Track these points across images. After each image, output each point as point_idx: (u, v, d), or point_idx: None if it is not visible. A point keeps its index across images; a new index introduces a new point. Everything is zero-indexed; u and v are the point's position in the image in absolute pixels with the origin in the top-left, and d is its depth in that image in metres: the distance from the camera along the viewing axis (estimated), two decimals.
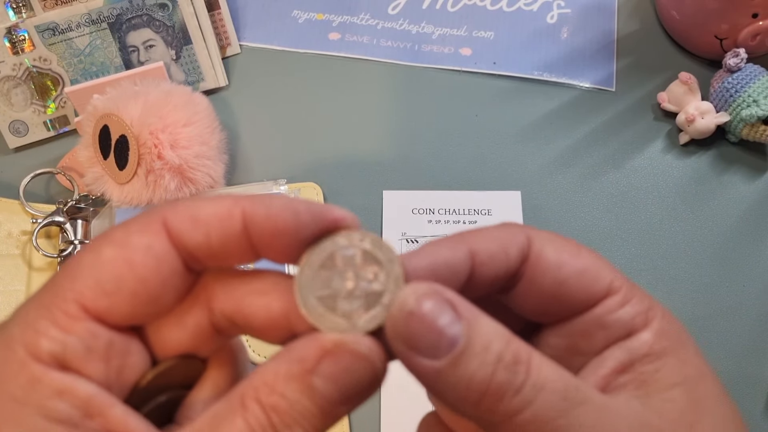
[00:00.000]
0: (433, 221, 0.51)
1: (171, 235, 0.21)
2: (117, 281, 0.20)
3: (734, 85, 0.52)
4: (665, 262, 0.51)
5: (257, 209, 0.21)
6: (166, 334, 0.22)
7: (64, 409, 0.19)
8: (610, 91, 0.57)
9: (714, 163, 0.54)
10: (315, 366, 0.20)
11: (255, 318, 0.22)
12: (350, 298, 0.21)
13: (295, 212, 0.21)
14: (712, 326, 0.49)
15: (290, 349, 0.20)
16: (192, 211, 0.21)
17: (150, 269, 0.20)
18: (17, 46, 0.53)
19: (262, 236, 0.21)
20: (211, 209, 0.21)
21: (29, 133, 0.55)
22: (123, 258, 0.20)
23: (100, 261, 0.20)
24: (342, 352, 0.20)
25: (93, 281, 0.20)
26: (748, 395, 0.47)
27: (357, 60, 0.58)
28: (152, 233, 0.20)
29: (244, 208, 0.21)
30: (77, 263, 0.20)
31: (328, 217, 0.21)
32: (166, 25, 0.55)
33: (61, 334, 0.19)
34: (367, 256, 0.21)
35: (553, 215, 0.52)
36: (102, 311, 0.20)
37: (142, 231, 0.21)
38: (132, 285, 0.20)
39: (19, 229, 0.50)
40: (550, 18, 0.60)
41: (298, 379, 0.19)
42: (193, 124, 0.48)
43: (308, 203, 0.21)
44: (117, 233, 0.21)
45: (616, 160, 0.54)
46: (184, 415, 0.23)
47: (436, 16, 0.60)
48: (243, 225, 0.21)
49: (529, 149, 0.55)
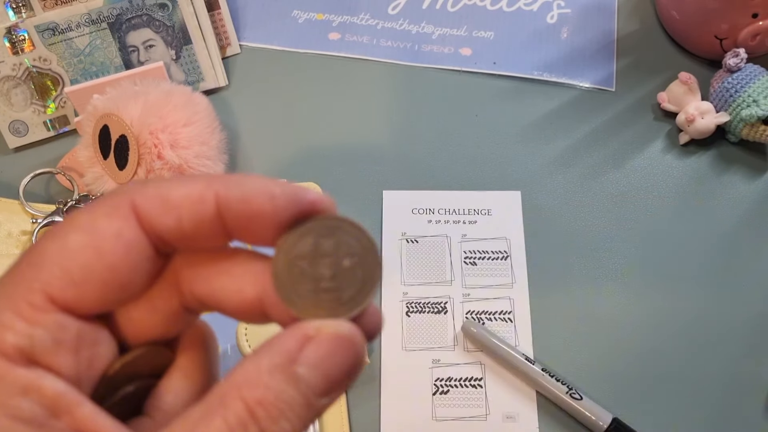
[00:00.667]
0: (433, 221, 0.51)
1: (140, 219, 0.20)
2: (85, 270, 0.19)
3: (734, 85, 0.52)
4: (665, 262, 0.51)
5: (231, 192, 0.20)
6: (135, 319, 0.21)
7: (29, 408, 0.18)
8: (610, 91, 0.57)
9: (714, 163, 0.54)
10: (298, 354, 0.19)
11: (227, 301, 0.21)
12: (328, 285, 0.20)
13: (270, 195, 0.20)
14: (713, 326, 0.49)
15: (270, 344, 0.20)
16: (162, 192, 0.20)
17: (119, 256, 0.19)
18: (17, 46, 0.53)
19: (236, 220, 0.20)
20: (183, 191, 0.20)
21: (29, 133, 0.55)
22: (91, 245, 0.19)
23: (66, 249, 0.19)
24: (324, 337, 0.19)
25: (60, 270, 0.19)
26: (748, 395, 0.46)
27: (357, 60, 0.58)
28: (121, 218, 0.20)
29: (218, 191, 0.20)
30: (42, 251, 0.19)
31: (305, 200, 0.20)
32: (166, 25, 0.55)
33: (27, 327, 0.18)
34: (344, 242, 0.21)
35: (553, 215, 0.52)
36: (70, 301, 0.19)
37: (109, 215, 0.20)
38: (101, 273, 0.19)
39: (19, 229, 0.50)
40: (550, 18, 0.60)
41: (281, 369, 0.19)
42: (193, 124, 0.48)
43: (284, 185, 0.20)
44: (83, 218, 0.20)
45: (616, 160, 0.54)
46: (152, 405, 0.22)
47: (436, 16, 0.60)
48: (216, 208, 0.20)
49: (529, 149, 0.54)
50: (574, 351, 0.47)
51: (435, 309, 0.48)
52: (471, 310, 0.48)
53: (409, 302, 0.49)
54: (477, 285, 0.49)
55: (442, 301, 0.49)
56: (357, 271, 0.20)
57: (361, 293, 0.20)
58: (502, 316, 0.48)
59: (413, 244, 0.51)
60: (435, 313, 0.48)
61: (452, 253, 0.50)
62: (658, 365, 0.47)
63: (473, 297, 0.49)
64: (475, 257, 0.50)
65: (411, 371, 0.46)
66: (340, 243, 0.21)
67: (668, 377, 0.47)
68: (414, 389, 0.46)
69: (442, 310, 0.48)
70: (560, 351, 0.47)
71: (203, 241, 0.21)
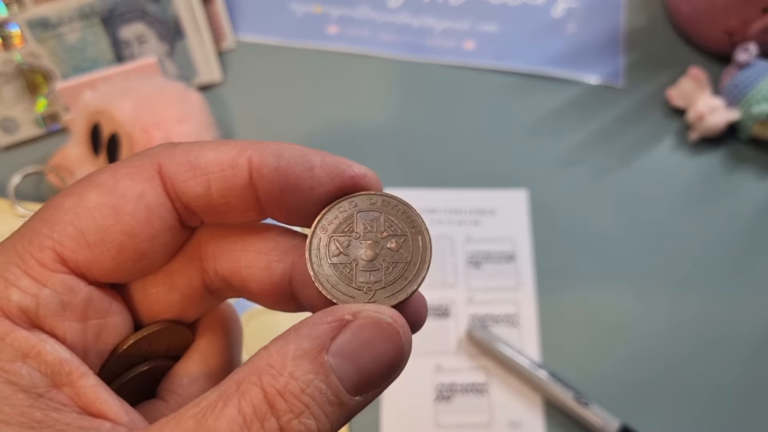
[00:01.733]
0: (435, 221, 0.50)
1: (166, 183, 0.18)
2: (101, 231, 0.18)
3: (744, 81, 0.52)
4: (675, 262, 0.50)
5: (267, 160, 0.18)
6: (152, 294, 0.20)
7: (28, 374, 0.17)
8: (617, 87, 0.56)
9: (724, 161, 0.53)
10: (330, 341, 0.16)
11: (254, 280, 0.19)
12: (369, 269, 0.18)
13: (309, 166, 0.18)
14: (723, 329, 0.48)
15: (299, 327, 0.17)
16: (191, 156, 0.18)
17: (140, 221, 0.18)
18: (8, 42, 0.52)
19: (270, 192, 0.18)
20: (213, 155, 0.18)
21: (19, 130, 0.54)
22: (110, 205, 0.18)
23: (83, 207, 0.18)
24: (362, 323, 0.17)
25: (74, 229, 0.17)
26: (756, 398, 0.46)
27: (356, 55, 0.57)
28: (145, 179, 0.18)
29: (251, 158, 0.18)
30: (57, 207, 0.18)
31: (347, 174, 0.19)
32: (160, 20, 0.54)
33: (34, 286, 0.17)
34: (390, 223, 0.19)
35: (560, 214, 0.51)
36: (82, 264, 0.18)
37: (133, 175, 0.18)
38: (118, 237, 0.18)
39: (8, 229, 0.49)
40: (556, 11, 0.59)
41: (310, 356, 0.16)
42: (188, 121, 0.47)
43: (324, 155, 0.19)
44: (104, 176, 0.18)
45: (624, 158, 0.53)
46: (167, 389, 0.21)
47: (438, 9, 0.59)
48: (249, 177, 0.18)
49: (535, 146, 0.54)
50: (581, 356, 0.47)
51: (437, 313, 0.47)
52: (475, 314, 0.47)
53: None
54: (481, 288, 0.48)
55: (445, 304, 0.47)
56: (403, 253, 0.19)
57: (407, 278, 0.18)
58: (507, 320, 0.47)
59: None
60: (437, 317, 0.47)
61: (456, 254, 0.49)
62: (668, 370, 0.47)
63: (477, 300, 0.48)
64: (480, 259, 0.49)
65: (412, 377, 0.46)
66: (385, 222, 0.19)
67: (678, 382, 0.46)
68: (415, 395, 0.45)
69: (445, 314, 0.47)
70: (567, 356, 0.47)
71: (232, 215, 0.19)
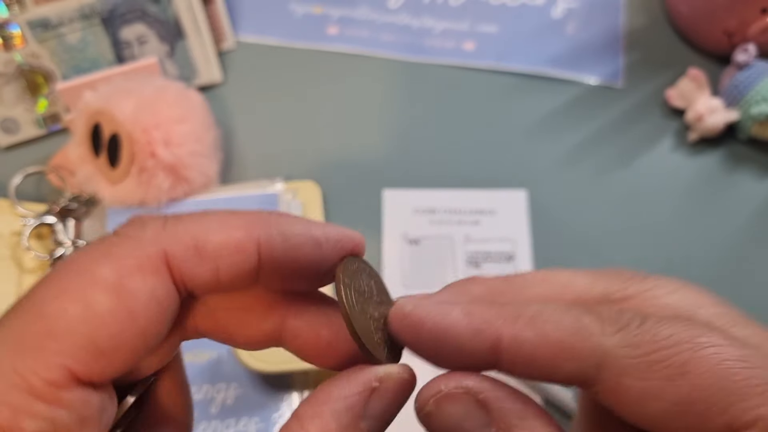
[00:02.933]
0: (435, 221, 0.50)
1: (173, 271, 0.17)
2: (115, 338, 0.16)
3: (744, 81, 0.52)
4: (674, 263, 0.50)
5: (274, 241, 0.18)
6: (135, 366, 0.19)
7: None
8: (617, 88, 0.56)
9: (723, 162, 0.53)
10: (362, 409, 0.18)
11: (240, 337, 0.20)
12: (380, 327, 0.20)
13: (316, 243, 0.18)
14: None
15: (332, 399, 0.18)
16: (198, 240, 0.17)
17: (152, 319, 0.17)
18: (8, 42, 0.52)
19: (277, 270, 0.18)
20: (220, 238, 0.17)
21: (20, 130, 0.54)
22: (122, 310, 0.16)
23: (92, 314, 0.16)
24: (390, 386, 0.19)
25: (86, 341, 0.16)
26: None
27: (356, 55, 0.57)
28: (153, 273, 0.17)
29: (259, 239, 0.18)
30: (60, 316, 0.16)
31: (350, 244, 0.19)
32: (160, 20, 0.54)
33: (48, 410, 0.16)
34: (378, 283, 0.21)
35: (560, 215, 0.51)
36: (95, 374, 0.16)
37: (141, 270, 0.17)
38: (132, 340, 0.17)
39: (9, 230, 0.49)
40: (556, 12, 0.59)
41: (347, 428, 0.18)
42: (188, 121, 0.48)
43: (324, 228, 0.19)
44: (106, 272, 0.16)
45: (624, 158, 0.53)
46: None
47: (438, 10, 0.59)
48: (258, 258, 0.18)
49: (535, 146, 0.54)
50: None
51: None
52: None
53: None
54: None
55: None
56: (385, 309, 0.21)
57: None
58: None
59: (415, 246, 0.50)
60: None
61: (455, 254, 0.49)
62: None
63: None
64: (479, 259, 0.49)
65: None
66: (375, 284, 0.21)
67: None
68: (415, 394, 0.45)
69: None
70: None
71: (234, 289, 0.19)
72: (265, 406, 0.44)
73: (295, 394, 0.45)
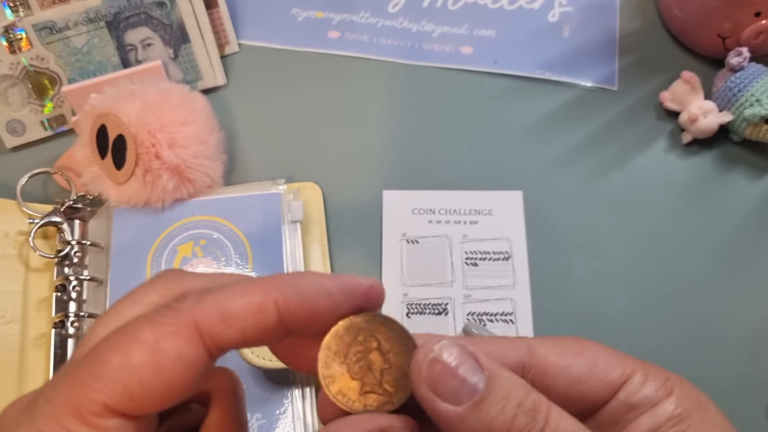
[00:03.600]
0: (433, 221, 0.51)
1: (204, 338, 0.21)
2: (144, 387, 0.20)
3: (737, 84, 0.52)
4: (668, 263, 0.50)
5: (290, 297, 0.21)
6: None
7: None
8: (612, 90, 0.57)
9: (717, 163, 0.54)
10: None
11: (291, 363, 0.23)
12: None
13: (327, 293, 0.21)
14: (716, 327, 0.48)
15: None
16: (224, 308, 0.21)
17: (179, 375, 0.20)
18: (14, 45, 0.52)
19: (297, 322, 0.21)
20: (243, 303, 0.21)
21: (26, 132, 0.54)
22: (154, 364, 0.20)
23: (129, 365, 0.20)
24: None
25: (121, 387, 0.20)
26: (751, 397, 0.46)
27: (357, 58, 0.58)
28: (184, 338, 0.20)
29: (277, 299, 0.21)
30: (105, 361, 0.20)
31: (359, 291, 0.22)
32: (164, 24, 0.54)
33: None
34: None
35: (555, 215, 0.52)
36: (127, 411, 0.20)
37: (174, 334, 0.20)
38: (159, 390, 0.20)
39: (16, 230, 0.50)
40: (552, 16, 0.60)
41: None
42: (192, 124, 0.48)
43: (336, 279, 0.22)
44: (146, 333, 0.20)
45: (618, 159, 0.54)
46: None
47: (437, 15, 0.60)
48: (278, 315, 0.21)
49: (531, 148, 0.54)
50: None
51: (436, 310, 0.48)
52: (472, 312, 0.48)
53: (409, 303, 0.48)
54: (478, 286, 0.49)
55: (442, 302, 0.48)
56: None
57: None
58: (504, 318, 0.48)
59: (414, 245, 0.50)
60: (436, 315, 0.48)
61: (453, 253, 0.50)
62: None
63: (474, 298, 0.48)
64: (477, 258, 0.50)
65: None
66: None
67: None
68: None
69: (443, 311, 0.48)
70: None
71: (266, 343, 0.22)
72: (267, 403, 0.45)
73: (297, 391, 0.45)
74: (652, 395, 0.23)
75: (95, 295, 0.48)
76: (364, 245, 0.50)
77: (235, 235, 0.48)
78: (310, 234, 0.50)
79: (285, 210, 0.49)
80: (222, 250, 0.48)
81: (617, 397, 0.24)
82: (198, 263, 0.47)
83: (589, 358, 0.24)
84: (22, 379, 0.46)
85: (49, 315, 0.47)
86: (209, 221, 0.48)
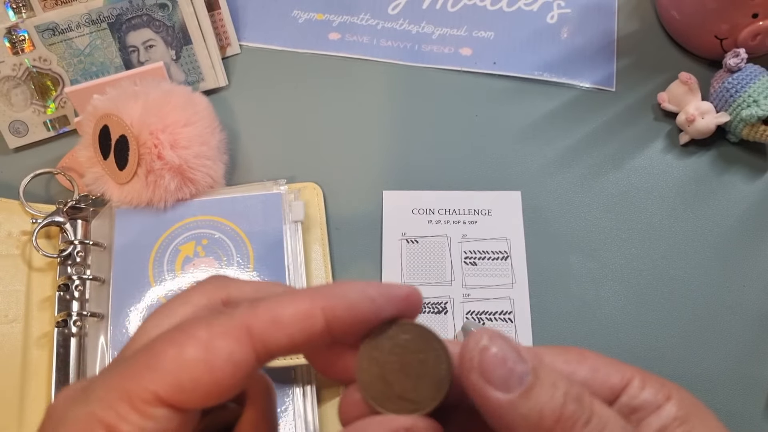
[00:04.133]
0: (433, 221, 0.51)
1: (254, 341, 0.22)
2: (194, 381, 0.21)
3: (734, 85, 0.52)
4: (665, 262, 0.51)
5: (336, 304, 0.22)
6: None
7: None
8: (610, 91, 0.57)
9: (714, 164, 0.54)
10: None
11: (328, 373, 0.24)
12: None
13: (371, 299, 0.22)
14: (712, 326, 0.49)
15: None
16: (274, 313, 0.22)
17: (227, 374, 0.21)
18: (17, 46, 0.53)
19: (343, 327, 0.22)
20: (292, 310, 0.22)
21: (29, 133, 0.54)
22: (205, 361, 0.21)
23: (182, 359, 0.21)
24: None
25: (173, 378, 0.21)
26: (748, 395, 0.46)
27: (357, 60, 0.58)
28: (235, 340, 0.21)
29: (324, 306, 0.22)
30: (159, 354, 0.21)
31: (399, 297, 0.23)
32: (166, 25, 0.55)
33: (140, 420, 0.21)
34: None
35: (553, 215, 0.52)
36: (175, 403, 0.21)
37: (226, 335, 0.21)
38: (207, 386, 0.21)
39: (19, 230, 0.50)
40: (550, 18, 0.60)
41: None
42: (193, 124, 0.48)
43: (378, 287, 0.23)
44: (201, 332, 0.21)
45: (616, 160, 0.54)
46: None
47: (436, 16, 0.60)
48: (325, 321, 0.22)
49: (530, 149, 0.54)
50: None
51: (435, 309, 0.48)
52: (471, 311, 0.48)
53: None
54: (477, 285, 0.49)
55: (442, 301, 0.49)
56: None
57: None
58: (503, 317, 0.48)
59: (413, 245, 0.50)
60: (435, 314, 0.48)
61: (452, 253, 0.50)
62: (658, 366, 0.47)
63: (473, 297, 0.49)
64: (476, 257, 0.50)
65: None
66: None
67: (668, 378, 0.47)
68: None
69: (443, 310, 0.48)
70: None
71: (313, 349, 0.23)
72: None
73: (298, 389, 0.46)
74: (651, 399, 0.24)
75: (98, 295, 0.48)
76: (365, 245, 0.51)
77: (236, 235, 0.48)
78: (311, 234, 0.50)
79: (286, 210, 0.49)
80: (224, 249, 0.48)
81: (619, 401, 0.24)
82: (200, 263, 0.48)
83: (591, 365, 0.25)
84: (24, 378, 0.46)
85: (52, 314, 0.48)
86: (211, 221, 0.49)
